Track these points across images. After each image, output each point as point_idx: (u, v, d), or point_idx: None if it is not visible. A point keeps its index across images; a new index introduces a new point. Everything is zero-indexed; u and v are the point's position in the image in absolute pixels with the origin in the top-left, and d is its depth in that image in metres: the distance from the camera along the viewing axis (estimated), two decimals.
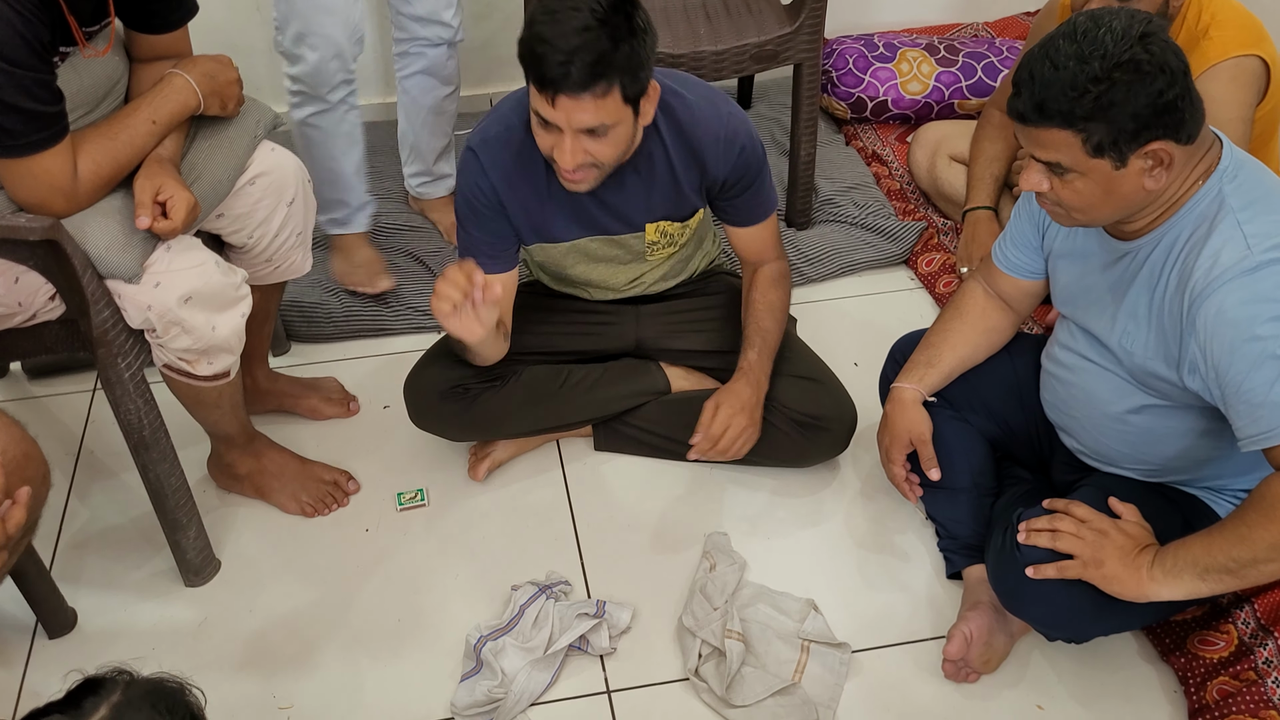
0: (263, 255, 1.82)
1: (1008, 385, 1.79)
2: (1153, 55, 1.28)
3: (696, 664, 1.67)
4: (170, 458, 1.72)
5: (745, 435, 1.80)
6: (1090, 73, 1.28)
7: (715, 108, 1.75)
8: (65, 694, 0.96)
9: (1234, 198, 1.36)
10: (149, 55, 1.66)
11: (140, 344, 1.61)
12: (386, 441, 2.09)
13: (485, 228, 1.78)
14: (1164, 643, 1.69)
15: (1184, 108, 1.31)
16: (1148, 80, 1.28)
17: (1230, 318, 1.32)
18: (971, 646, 1.65)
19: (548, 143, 1.58)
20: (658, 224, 1.83)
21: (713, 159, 1.75)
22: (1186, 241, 1.39)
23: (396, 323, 2.35)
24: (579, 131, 1.53)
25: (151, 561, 1.88)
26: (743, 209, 1.85)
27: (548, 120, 1.53)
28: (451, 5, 2.27)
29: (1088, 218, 1.43)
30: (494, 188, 1.74)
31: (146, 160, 1.56)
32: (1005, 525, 1.61)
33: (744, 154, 1.76)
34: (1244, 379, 1.32)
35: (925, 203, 2.64)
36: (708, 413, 1.79)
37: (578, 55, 1.45)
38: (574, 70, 1.46)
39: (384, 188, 2.70)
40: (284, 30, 2.09)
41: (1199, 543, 1.40)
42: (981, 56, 2.87)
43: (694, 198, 1.81)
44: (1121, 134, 1.30)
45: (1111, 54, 1.28)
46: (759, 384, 1.84)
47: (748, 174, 1.79)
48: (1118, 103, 1.28)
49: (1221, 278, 1.33)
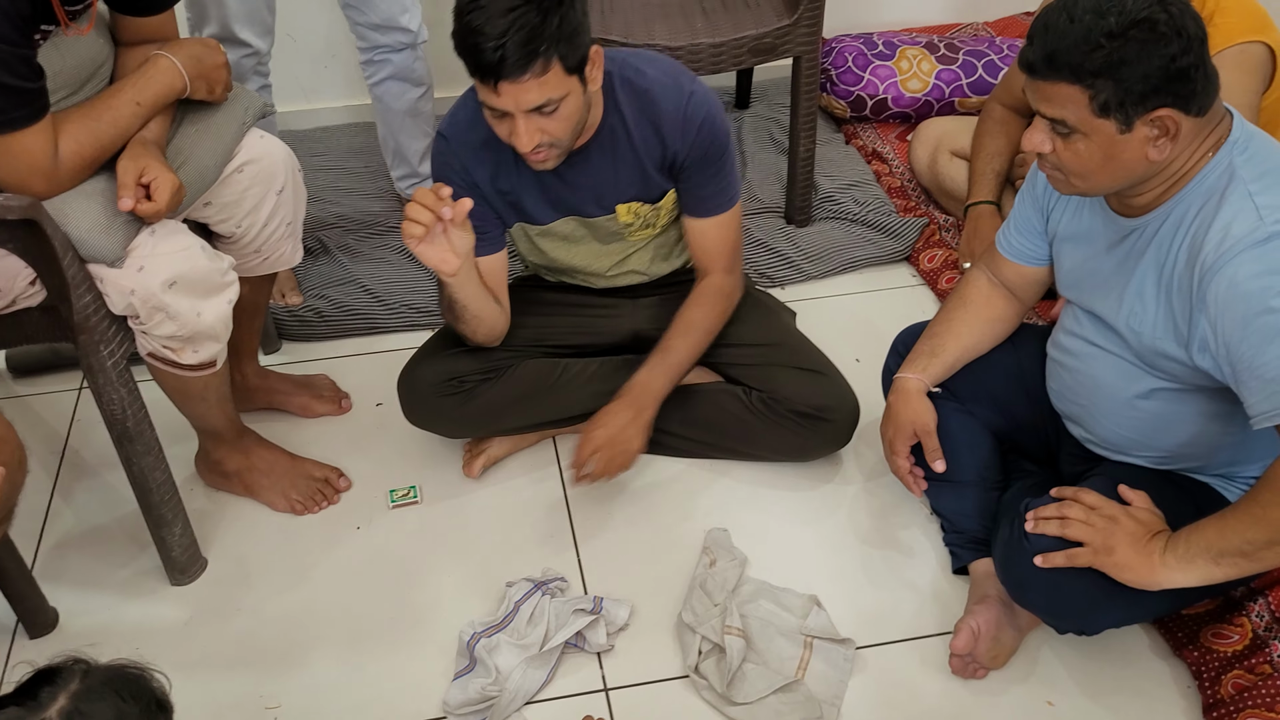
0: (251, 245, 1.78)
1: (1013, 376, 1.75)
2: (1171, 16, 1.25)
3: (697, 661, 1.62)
4: (155, 450, 1.68)
5: (614, 462, 1.77)
6: (1105, 27, 1.25)
7: (679, 85, 1.71)
8: (18, 686, 0.91)
9: (1245, 169, 1.33)
10: (134, 39, 1.62)
11: (123, 331, 1.57)
12: (379, 439, 2.05)
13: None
14: (1176, 637, 1.64)
15: (1197, 78, 1.27)
16: (1163, 42, 1.24)
17: (1243, 290, 1.28)
18: (979, 641, 1.60)
19: (504, 130, 1.56)
20: (629, 204, 1.79)
21: (671, 134, 1.71)
22: (1196, 215, 1.35)
23: (390, 320, 2.31)
24: (529, 113, 1.51)
25: (137, 560, 1.84)
26: (699, 195, 1.79)
27: (495, 108, 1.52)
28: (408, 9, 2.24)
29: (1087, 184, 1.39)
30: (466, 169, 1.72)
31: (131, 142, 1.52)
32: (1012, 517, 1.57)
33: (703, 131, 1.71)
34: (1257, 353, 1.28)
35: (926, 199, 2.61)
36: (580, 438, 1.77)
37: (509, 37, 1.43)
38: (508, 53, 1.43)
39: (378, 186, 2.67)
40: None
41: (1212, 526, 1.36)
42: (982, 54, 2.84)
43: (659, 177, 1.77)
44: (1129, 95, 1.27)
45: (1129, 11, 1.25)
46: (639, 404, 1.78)
47: (708, 155, 1.74)
48: (1129, 61, 1.25)
49: (1233, 250, 1.29)
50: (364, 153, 2.80)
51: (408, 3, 2.24)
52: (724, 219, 1.82)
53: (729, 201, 1.82)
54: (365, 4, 2.20)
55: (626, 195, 1.78)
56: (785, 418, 1.86)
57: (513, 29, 1.43)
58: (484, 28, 1.43)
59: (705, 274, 1.87)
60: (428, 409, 1.89)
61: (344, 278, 2.40)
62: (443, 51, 2.76)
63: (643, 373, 1.81)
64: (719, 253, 1.85)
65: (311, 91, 2.91)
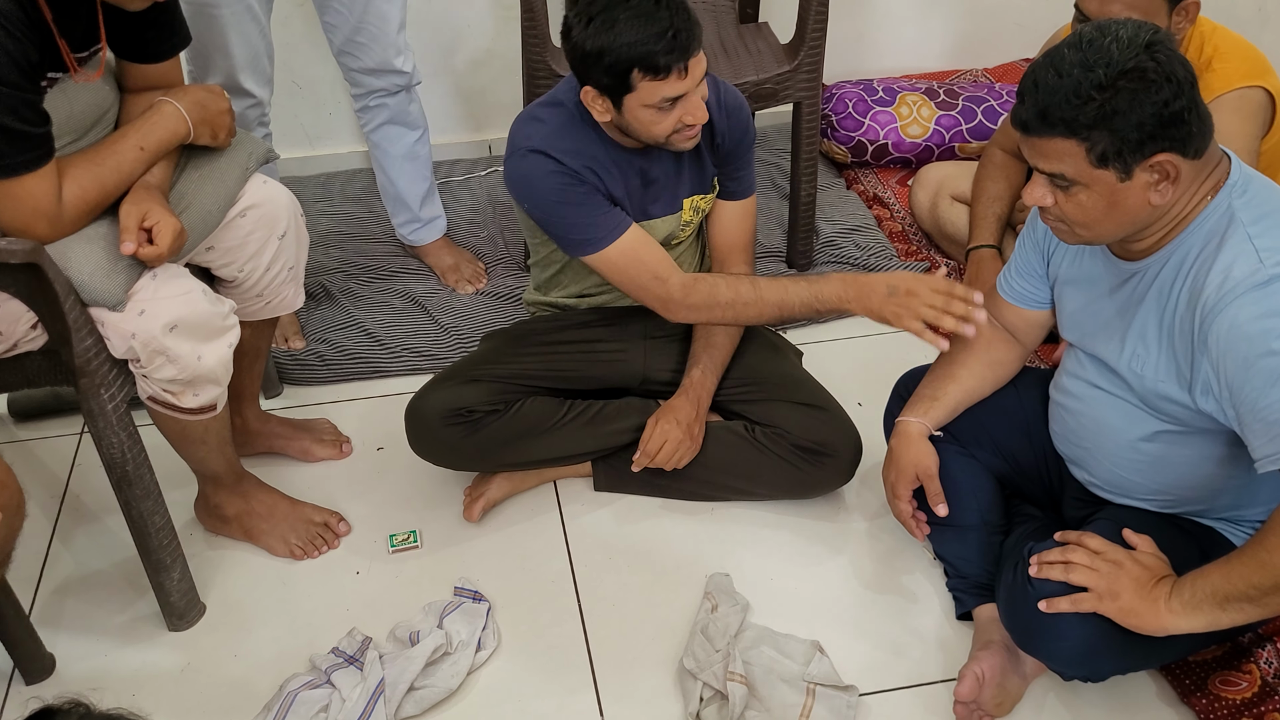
0: (254, 290, 1.79)
1: (1015, 420, 1.74)
2: (1159, 64, 1.26)
3: (698, 707, 1.60)
4: (154, 494, 1.67)
5: (682, 448, 1.86)
6: (1094, 80, 1.26)
7: (711, 79, 1.80)
8: None
9: (1244, 212, 1.33)
10: (140, 85, 1.65)
11: (124, 374, 1.58)
12: (380, 483, 2.05)
13: (590, 207, 1.75)
14: (1184, 684, 1.62)
15: (1191, 120, 1.28)
16: (1153, 89, 1.25)
17: (1244, 333, 1.28)
18: (984, 687, 1.58)
19: (670, 121, 1.65)
20: (691, 199, 1.87)
21: (719, 119, 1.81)
22: (1196, 258, 1.35)
23: (391, 364, 2.31)
24: (699, 84, 1.64)
25: (135, 605, 1.82)
26: (734, 177, 1.90)
27: (675, 96, 1.61)
28: (401, 51, 2.26)
29: (1092, 234, 1.39)
30: (581, 170, 1.74)
31: (133, 187, 1.53)
32: (1016, 561, 1.55)
33: (739, 115, 1.85)
34: (1260, 396, 1.27)
35: (928, 244, 2.62)
36: (647, 429, 1.86)
37: (677, 21, 1.57)
38: (683, 35, 1.57)
39: (380, 232, 2.68)
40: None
41: (1218, 571, 1.34)
42: (981, 100, 2.86)
43: (710, 162, 1.86)
44: (1126, 143, 1.27)
45: (1117, 61, 1.26)
46: (700, 401, 1.87)
47: (744, 139, 1.86)
48: (1122, 111, 1.26)
49: (1234, 292, 1.29)
50: (367, 198, 2.82)
51: (401, 44, 2.26)
52: (748, 205, 1.94)
53: (752, 186, 1.93)
54: (359, 49, 2.22)
55: (689, 189, 1.86)
56: (787, 453, 1.86)
57: (676, 15, 1.57)
58: (654, 24, 1.56)
59: (729, 267, 1.94)
60: (433, 438, 1.88)
61: (346, 322, 2.41)
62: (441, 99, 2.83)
63: (696, 372, 1.89)
64: (743, 243, 1.95)
65: (315, 138, 2.94)
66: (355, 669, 1.67)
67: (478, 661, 1.70)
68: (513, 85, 2.51)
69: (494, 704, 1.67)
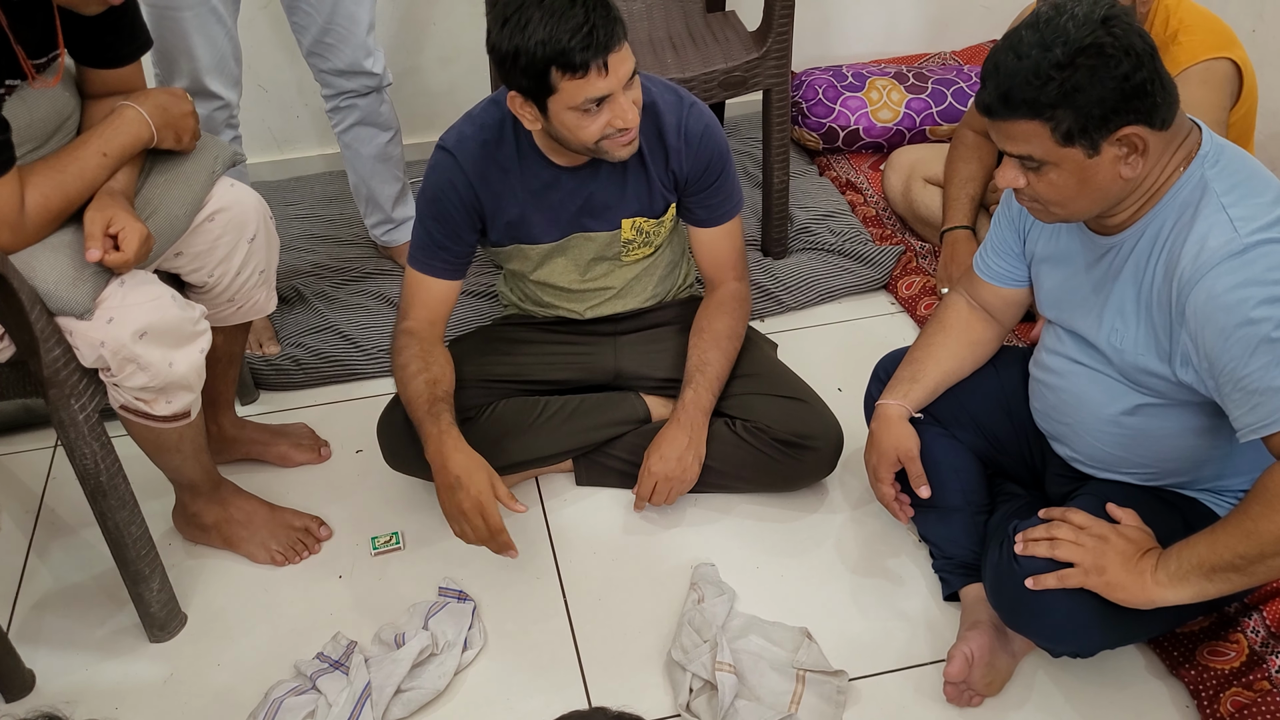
0: (225, 294, 1.77)
1: (995, 399, 1.74)
2: (1116, 38, 1.25)
3: (688, 699, 1.59)
4: (130, 504, 1.65)
5: (676, 488, 1.83)
6: (1053, 59, 1.25)
7: (679, 98, 1.77)
8: None
9: (1217, 182, 1.33)
10: (101, 91, 1.62)
11: (94, 384, 1.55)
12: (360, 486, 2.03)
13: (448, 229, 1.76)
14: (1172, 656, 1.63)
15: (1154, 91, 1.28)
16: (1112, 63, 1.25)
17: (1222, 303, 1.28)
18: (973, 667, 1.58)
19: (597, 124, 1.59)
20: (633, 220, 1.82)
21: (675, 146, 1.76)
22: (1171, 229, 1.35)
23: (368, 366, 2.29)
24: (627, 85, 1.58)
25: (114, 618, 1.80)
26: (707, 205, 1.85)
27: (598, 96, 1.55)
28: (372, 52, 2.24)
29: (1067, 211, 1.39)
30: (471, 186, 1.74)
31: (98, 193, 1.51)
32: (1001, 540, 1.55)
33: (705, 141, 1.77)
34: (1239, 365, 1.27)
35: (902, 227, 2.62)
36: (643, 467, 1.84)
37: (594, 16, 1.51)
38: (600, 31, 1.51)
39: (353, 234, 2.66)
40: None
41: (1203, 542, 1.34)
42: (950, 83, 2.87)
43: (664, 190, 1.81)
44: (1090, 120, 1.27)
45: (1074, 39, 1.25)
46: (693, 424, 1.83)
47: (711, 164, 1.79)
48: (1083, 87, 1.25)
49: (1209, 262, 1.29)
50: (338, 200, 2.80)
51: (371, 45, 2.24)
52: (731, 227, 1.88)
53: (735, 208, 1.88)
54: (328, 50, 2.20)
55: (631, 210, 1.81)
56: (770, 446, 1.85)
57: (593, 10, 1.51)
58: (568, 19, 1.49)
59: (719, 283, 1.92)
60: (407, 452, 1.87)
61: (321, 325, 2.38)
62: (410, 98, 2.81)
63: (689, 393, 1.84)
64: (730, 261, 1.90)
65: (284, 141, 2.92)
66: (341, 673, 1.65)
67: (464, 661, 1.69)
68: (482, 82, 2.50)
69: (482, 703, 1.65)
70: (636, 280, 1.94)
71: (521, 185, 1.75)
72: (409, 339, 1.79)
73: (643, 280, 1.95)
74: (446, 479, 1.65)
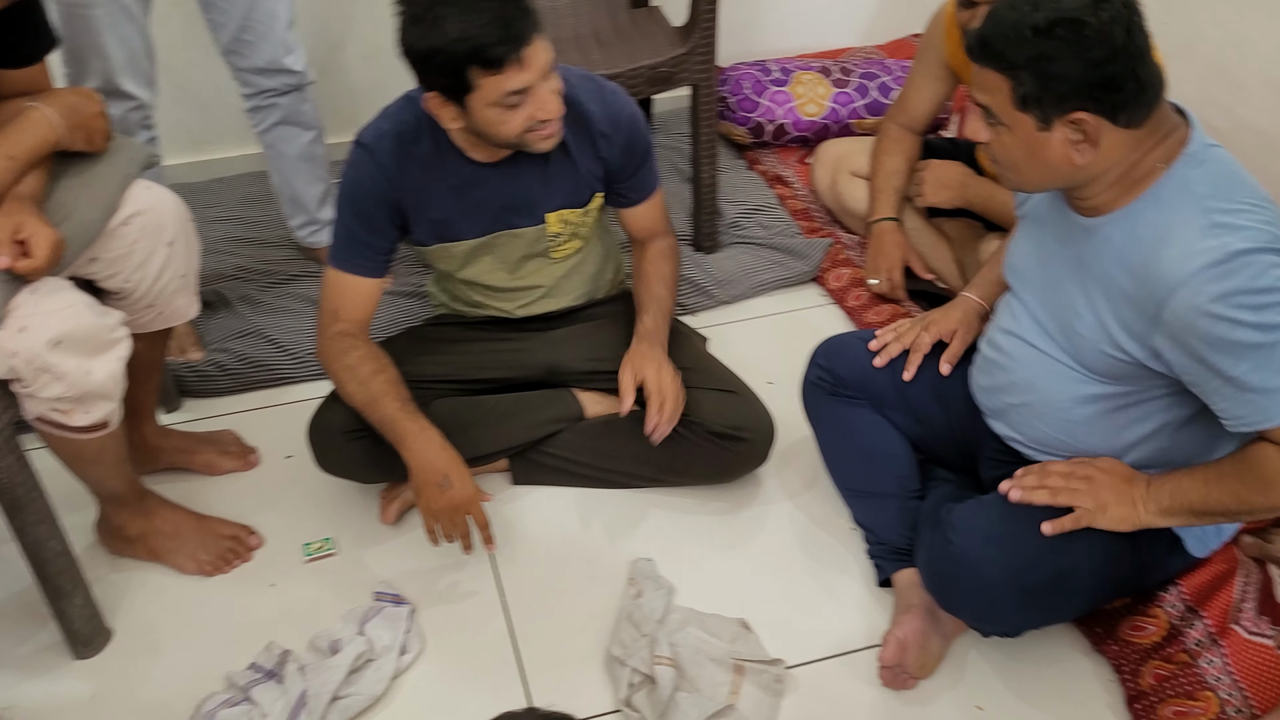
0: (143, 300, 1.72)
1: (927, 382, 1.75)
2: (1099, 22, 1.23)
3: (628, 694, 1.59)
4: (49, 519, 1.60)
5: (676, 387, 1.80)
6: (1034, 21, 1.25)
7: (599, 86, 1.77)
8: None
9: (1200, 185, 1.30)
10: (6, 93, 1.56)
11: (6, 395, 1.50)
12: (291, 492, 1.99)
13: (370, 226, 1.74)
14: (1095, 633, 1.66)
15: (1124, 88, 1.26)
16: (1085, 45, 1.23)
17: (1206, 312, 1.25)
18: (907, 651, 1.60)
19: (520, 118, 1.57)
20: (558, 213, 1.82)
21: (601, 133, 1.76)
22: (1150, 229, 1.32)
23: (296, 370, 2.25)
24: (546, 76, 1.56)
25: (37, 636, 1.74)
26: (634, 184, 1.88)
27: (520, 89, 1.53)
28: (292, 50, 2.20)
29: (1019, 179, 1.40)
30: (389, 183, 1.71)
31: (5, 199, 1.46)
32: (934, 524, 1.57)
33: (631, 126, 1.79)
34: (1230, 367, 1.27)
35: (830, 219, 2.65)
36: (627, 379, 1.78)
37: (507, 9, 1.48)
38: (515, 23, 1.49)
39: (276, 235, 2.62)
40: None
41: (1195, 490, 1.40)
42: (874, 76, 2.90)
43: (590, 179, 1.81)
44: (1047, 93, 1.27)
45: (1061, 9, 1.24)
46: (662, 343, 1.85)
47: (636, 147, 1.82)
48: (1051, 58, 1.25)
49: (1190, 270, 1.26)
50: (260, 202, 2.75)
51: (291, 42, 2.20)
52: (656, 197, 1.94)
53: (656, 181, 1.93)
54: (247, 47, 2.15)
55: (556, 203, 1.80)
56: (702, 440, 1.85)
57: (502, 2, 1.48)
58: (481, 14, 1.46)
59: (651, 240, 1.97)
60: (339, 456, 1.85)
61: (246, 329, 2.34)
62: (333, 96, 2.77)
63: (647, 319, 1.87)
64: (657, 222, 1.97)
65: (202, 142, 2.85)
66: (275, 683, 1.62)
67: (402, 666, 1.67)
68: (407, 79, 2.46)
69: (421, 708, 1.64)
70: (566, 278, 1.93)
71: (442, 183, 1.73)
72: (349, 341, 1.77)
73: (572, 278, 1.94)
74: (433, 477, 1.64)
